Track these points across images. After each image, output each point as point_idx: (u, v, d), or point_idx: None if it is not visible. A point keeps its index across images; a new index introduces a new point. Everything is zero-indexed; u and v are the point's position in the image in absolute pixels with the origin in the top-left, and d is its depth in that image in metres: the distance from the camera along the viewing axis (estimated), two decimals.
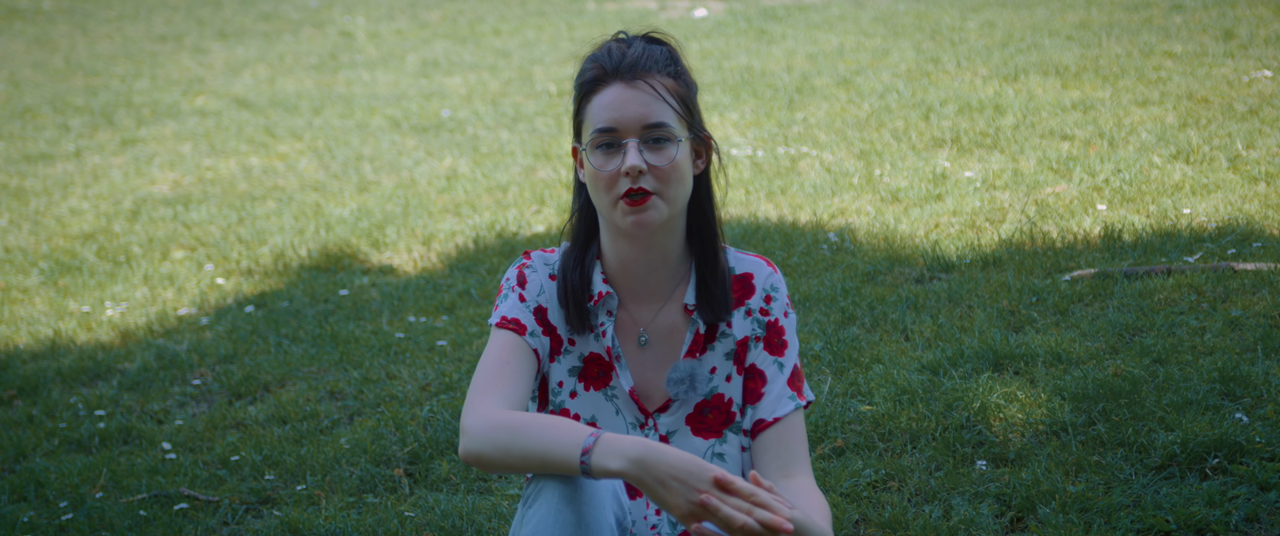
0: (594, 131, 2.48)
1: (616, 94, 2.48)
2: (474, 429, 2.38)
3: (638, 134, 2.46)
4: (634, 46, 2.51)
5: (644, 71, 2.48)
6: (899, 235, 5.71)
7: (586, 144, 2.50)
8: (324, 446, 4.07)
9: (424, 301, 5.37)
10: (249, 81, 10.38)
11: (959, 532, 3.34)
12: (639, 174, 2.45)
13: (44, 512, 3.78)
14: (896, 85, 8.74)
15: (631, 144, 2.46)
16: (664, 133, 2.47)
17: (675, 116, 2.49)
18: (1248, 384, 3.93)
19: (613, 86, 2.48)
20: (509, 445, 2.35)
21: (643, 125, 2.46)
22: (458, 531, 3.52)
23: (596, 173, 2.48)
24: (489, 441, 2.36)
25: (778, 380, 2.58)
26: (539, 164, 7.53)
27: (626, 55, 2.50)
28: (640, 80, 2.48)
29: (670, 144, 2.47)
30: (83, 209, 7.05)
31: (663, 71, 2.50)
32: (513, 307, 2.55)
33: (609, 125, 2.47)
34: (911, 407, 3.96)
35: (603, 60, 2.50)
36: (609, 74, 2.49)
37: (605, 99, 2.49)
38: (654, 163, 2.46)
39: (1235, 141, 6.70)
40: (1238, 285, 4.76)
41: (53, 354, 5.07)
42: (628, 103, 2.47)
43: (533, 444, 2.33)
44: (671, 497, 2.21)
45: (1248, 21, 9.95)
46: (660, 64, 2.51)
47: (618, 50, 2.50)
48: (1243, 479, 3.45)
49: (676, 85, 2.51)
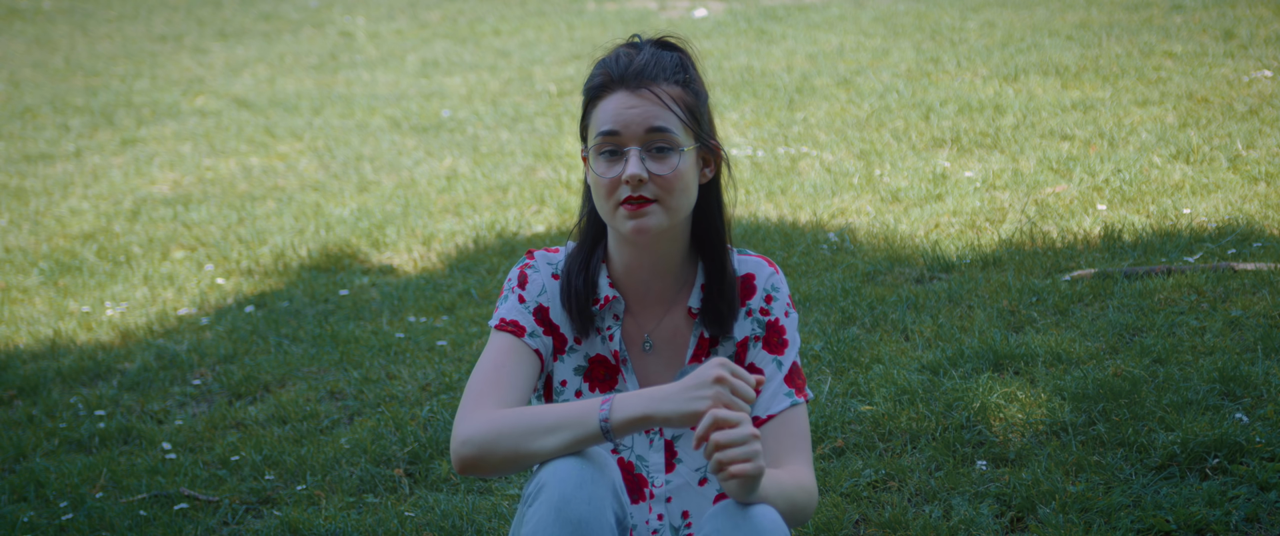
0: (597, 137, 2.48)
1: (621, 101, 2.47)
2: (472, 433, 2.38)
3: (640, 141, 2.46)
4: (643, 52, 2.50)
5: (650, 79, 2.47)
6: (899, 235, 5.71)
7: (590, 149, 2.50)
8: (324, 446, 4.07)
9: (424, 301, 5.37)
10: (249, 81, 10.38)
11: (959, 532, 3.34)
12: (639, 182, 2.44)
13: (44, 512, 3.78)
14: (896, 85, 8.74)
15: (633, 151, 2.45)
16: (666, 141, 2.46)
17: (680, 125, 2.48)
18: (1248, 384, 3.93)
19: (618, 93, 2.48)
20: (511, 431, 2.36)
21: (646, 131, 2.46)
22: (458, 531, 3.52)
23: (598, 179, 2.48)
24: (490, 439, 2.36)
25: (775, 378, 2.58)
26: (539, 164, 7.53)
27: (634, 62, 2.48)
28: (646, 88, 2.47)
29: (673, 152, 2.47)
30: (83, 209, 7.05)
31: (670, 79, 2.49)
32: (512, 309, 2.55)
33: (612, 129, 2.46)
34: (911, 407, 3.96)
35: (610, 66, 2.50)
36: (615, 81, 2.48)
37: (610, 106, 2.48)
38: (656, 171, 2.46)
39: (1235, 141, 6.70)
40: (1238, 285, 4.76)
41: (53, 354, 5.07)
42: (631, 110, 2.46)
43: (548, 421, 2.36)
44: (692, 408, 2.32)
45: (1248, 21, 9.95)
46: (668, 71, 2.49)
47: (626, 56, 2.49)
48: (1243, 479, 3.45)
49: (683, 93, 2.49)
